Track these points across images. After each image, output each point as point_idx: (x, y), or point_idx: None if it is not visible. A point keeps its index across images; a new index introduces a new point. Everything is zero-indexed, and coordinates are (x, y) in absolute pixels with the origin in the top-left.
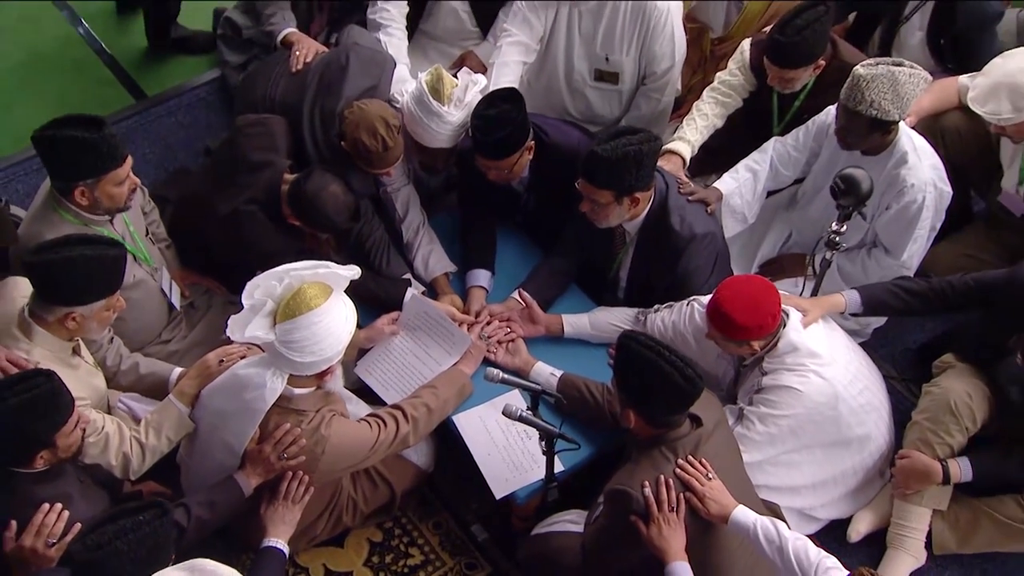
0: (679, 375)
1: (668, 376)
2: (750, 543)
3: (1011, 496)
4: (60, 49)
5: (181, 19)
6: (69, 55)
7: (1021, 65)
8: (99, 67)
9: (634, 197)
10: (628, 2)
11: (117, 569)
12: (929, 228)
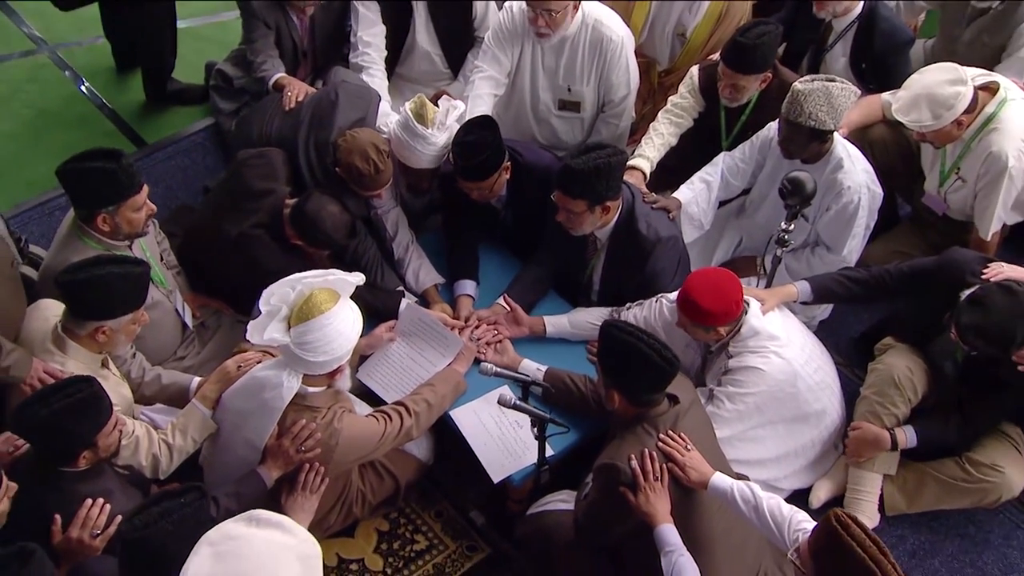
0: (657, 356)
1: (648, 357)
2: (728, 505)
3: (951, 458)
4: (65, 106)
5: (175, 74)
6: (74, 111)
7: (937, 79)
8: (102, 120)
9: (605, 205)
10: (586, 37)
11: (163, 546)
12: (865, 226)
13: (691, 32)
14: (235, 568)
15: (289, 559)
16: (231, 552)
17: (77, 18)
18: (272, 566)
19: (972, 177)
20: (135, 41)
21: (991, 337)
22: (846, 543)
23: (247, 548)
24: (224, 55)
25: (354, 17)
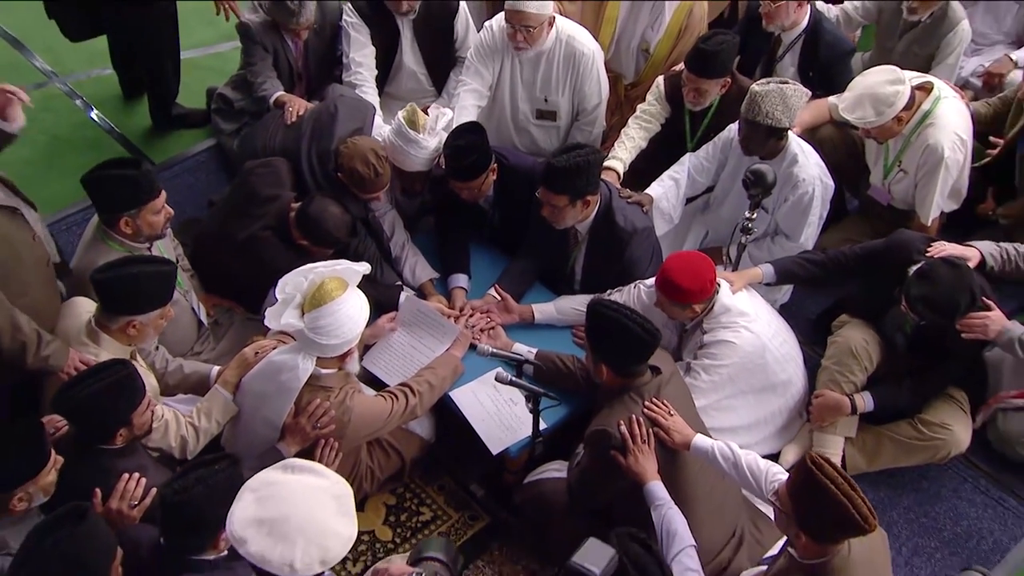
0: (640, 329)
1: (632, 331)
2: (710, 463)
3: (905, 420)
4: (77, 132)
5: (179, 99)
6: (85, 136)
7: (878, 79)
8: (112, 144)
9: (585, 200)
10: (560, 51)
11: (200, 508)
12: (819, 216)
13: (654, 47)
14: (277, 509)
15: (324, 498)
16: (272, 496)
17: (85, 51)
18: (310, 505)
19: (912, 168)
20: (142, 69)
21: (938, 307)
22: (821, 481)
23: (286, 491)
24: (223, 82)
25: (345, 40)
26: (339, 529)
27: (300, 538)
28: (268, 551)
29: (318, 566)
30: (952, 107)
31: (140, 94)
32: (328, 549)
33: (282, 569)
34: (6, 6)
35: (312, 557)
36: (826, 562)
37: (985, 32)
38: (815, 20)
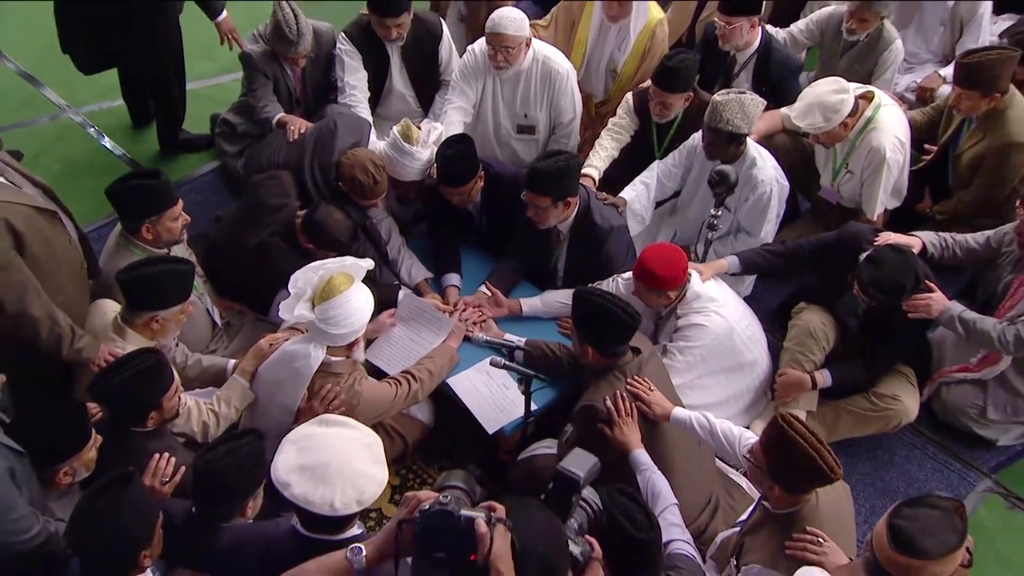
0: (622, 312)
1: (614, 314)
2: (688, 432)
3: (860, 394)
4: (90, 158)
5: (184, 125)
6: (98, 162)
7: (825, 89)
8: (123, 168)
9: (567, 201)
10: (537, 70)
11: (229, 478)
12: (776, 213)
13: (621, 67)
14: (316, 457)
15: (357, 447)
16: (310, 446)
17: (97, 84)
18: (345, 452)
19: (858, 169)
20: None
21: (886, 288)
22: (791, 436)
23: (323, 441)
24: (225, 109)
25: (340, 66)
26: (373, 473)
27: (339, 481)
28: (311, 493)
29: (355, 505)
30: (891, 113)
31: (148, 123)
32: (363, 490)
33: (323, 508)
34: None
35: (350, 497)
36: (797, 511)
37: (916, 52)
38: (766, 41)
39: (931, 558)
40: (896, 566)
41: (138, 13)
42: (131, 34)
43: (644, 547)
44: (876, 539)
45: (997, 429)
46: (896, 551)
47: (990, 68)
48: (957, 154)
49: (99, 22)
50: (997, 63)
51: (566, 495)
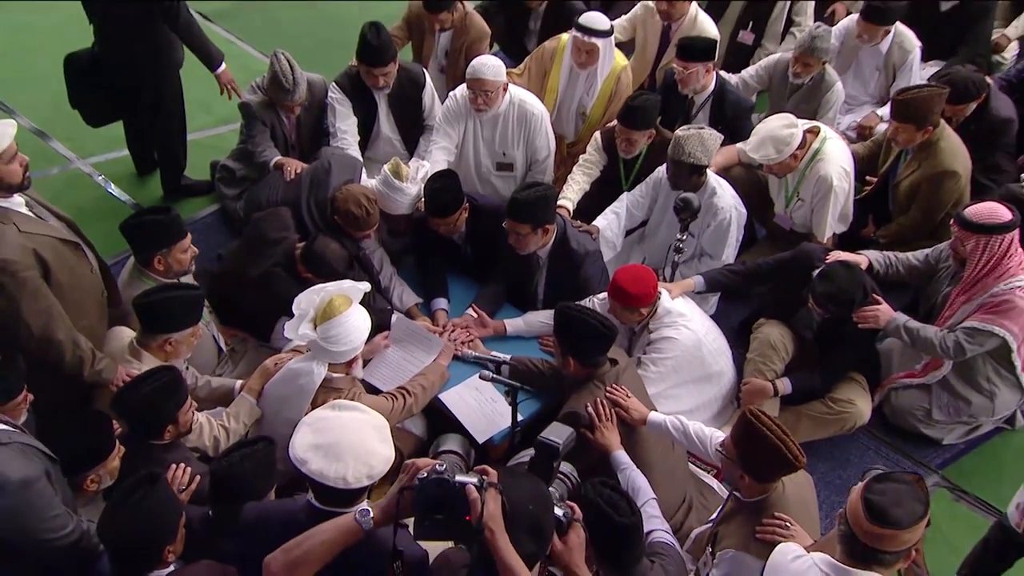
0: (600, 325)
1: (593, 327)
2: (664, 434)
3: (817, 400)
4: (99, 204)
5: (186, 172)
6: (106, 207)
7: (776, 124)
8: (129, 212)
9: (545, 228)
10: (514, 112)
11: (245, 478)
12: (736, 238)
13: (590, 110)
14: (329, 436)
15: (367, 428)
16: (325, 427)
17: (102, 137)
18: (356, 433)
19: (808, 197)
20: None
21: (838, 301)
22: (759, 428)
23: (336, 423)
24: (224, 156)
25: (331, 113)
26: (380, 450)
27: (350, 458)
28: (325, 468)
29: (365, 479)
30: (836, 146)
31: (152, 170)
32: (373, 466)
33: (337, 482)
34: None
35: (360, 472)
36: (766, 498)
37: (855, 95)
38: (720, 84)
39: (903, 527)
40: (872, 536)
41: (143, 73)
42: (136, 91)
43: (627, 531)
44: (852, 513)
45: (941, 429)
46: (872, 523)
47: (923, 103)
48: (896, 183)
49: (106, 82)
50: (929, 99)
51: (547, 461)
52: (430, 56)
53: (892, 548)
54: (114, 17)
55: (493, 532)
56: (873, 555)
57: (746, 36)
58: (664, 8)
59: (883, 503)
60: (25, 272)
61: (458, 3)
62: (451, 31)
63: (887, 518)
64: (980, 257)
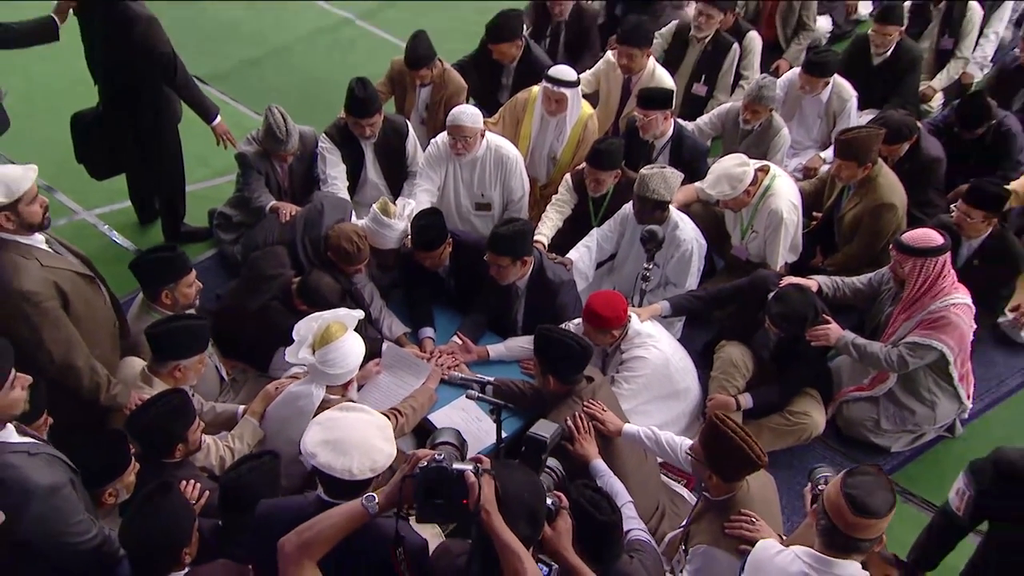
0: (577, 344)
1: (570, 346)
2: (638, 444)
3: (776, 413)
4: (104, 251)
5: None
6: (111, 253)
7: (730, 163)
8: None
9: (523, 260)
10: (491, 156)
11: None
12: (697, 268)
13: (560, 154)
14: (337, 434)
15: (371, 427)
16: (333, 426)
17: (105, 189)
18: (361, 431)
19: (761, 229)
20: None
21: (791, 319)
22: (724, 431)
23: (344, 422)
24: (221, 204)
25: (321, 162)
26: (383, 447)
27: (355, 452)
28: (333, 461)
29: (369, 472)
30: (785, 182)
31: (153, 219)
32: (376, 460)
33: (344, 474)
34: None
35: (364, 465)
36: (732, 497)
37: (800, 140)
38: (678, 130)
39: (881, 516)
40: (856, 527)
41: (144, 128)
42: (138, 145)
43: (608, 529)
44: (832, 509)
45: (889, 438)
46: (856, 514)
47: (863, 142)
48: (840, 216)
49: (110, 137)
50: (868, 138)
51: (536, 454)
52: (412, 109)
53: (871, 536)
54: (118, 78)
55: (489, 513)
56: (854, 544)
57: (699, 88)
58: (624, 63)
59: (861, 495)
60: (47, 302)
61: (437, 61)
62: (431, 86)
63: (868, 509)
64: (917, 278)
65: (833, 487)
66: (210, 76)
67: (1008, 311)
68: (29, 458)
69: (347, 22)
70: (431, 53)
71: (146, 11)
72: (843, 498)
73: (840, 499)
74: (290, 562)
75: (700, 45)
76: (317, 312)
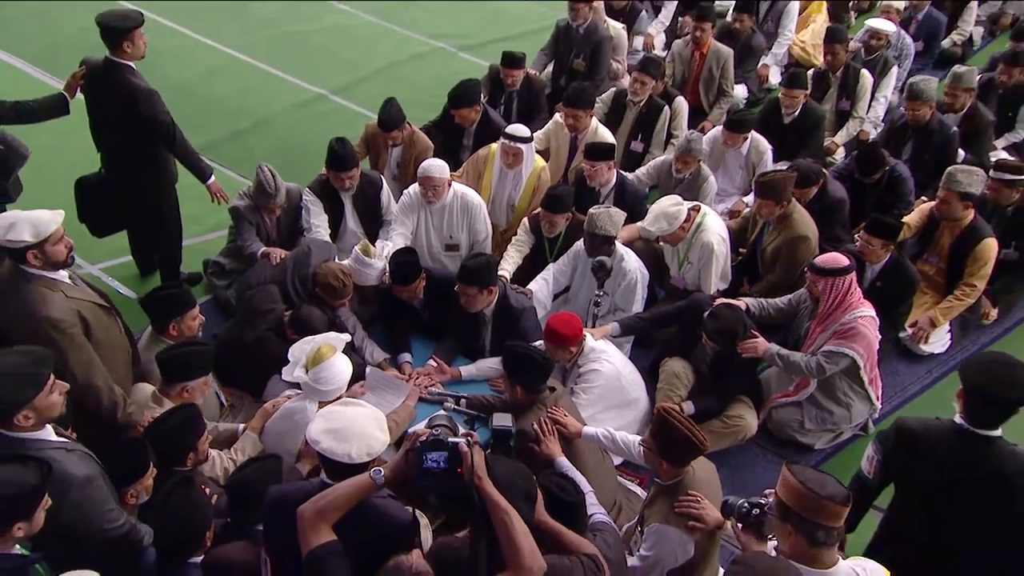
0: (540, 357)
1: (535, 359)
2: (596, 443)
3: (715, 418)
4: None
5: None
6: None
7: (666, 203)
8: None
9: (490, 289)
10: (457, 203)
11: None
12: (641, 295)
13: (517, 202)
14: (338, 424)
15: (368, 419)
16: (335, 418)
17: (107, 245)
18: (359, 422)
19: (696, 260)
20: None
21: (725, 334)
22: (671, 421)
23: (344, 415)
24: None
25: (305, 212)
26: (378, 435)
27: (354, 439)
28: (335, 447)
29: (366, 456)
30: (714, 219)
31: (152, 271)
32: (372, 446)
33: (343, 458)
34: None
35: (362, 451)
36: (680, 480)
37: (725, 187)
38: (620, 179)
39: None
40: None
41: (145, 189)
42: (139, 204)
43: (573, 508)
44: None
45: (813, 436)
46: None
47: (779, 183)
48: (762, 248)
49: (112, 198)
50: (783, 180)
51: (505, 443)
52: (384, 167)
53: (839, 524)
54: (122, 144)
55: (480, 478)
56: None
57: (637, 145)
58: (571, 123)
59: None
60: (71, 329)
61: (406, 124)
62: (401, 146)
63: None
64: (830, 295)
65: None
66: (200, 146)
67: (907, 327)
68: (67, 453)
69: (321, 97)
70: (401, 117)
71: (147, 84)
72: (823, 501)
73: (820, 501)
74: (308, 525)
75: (636, 108)
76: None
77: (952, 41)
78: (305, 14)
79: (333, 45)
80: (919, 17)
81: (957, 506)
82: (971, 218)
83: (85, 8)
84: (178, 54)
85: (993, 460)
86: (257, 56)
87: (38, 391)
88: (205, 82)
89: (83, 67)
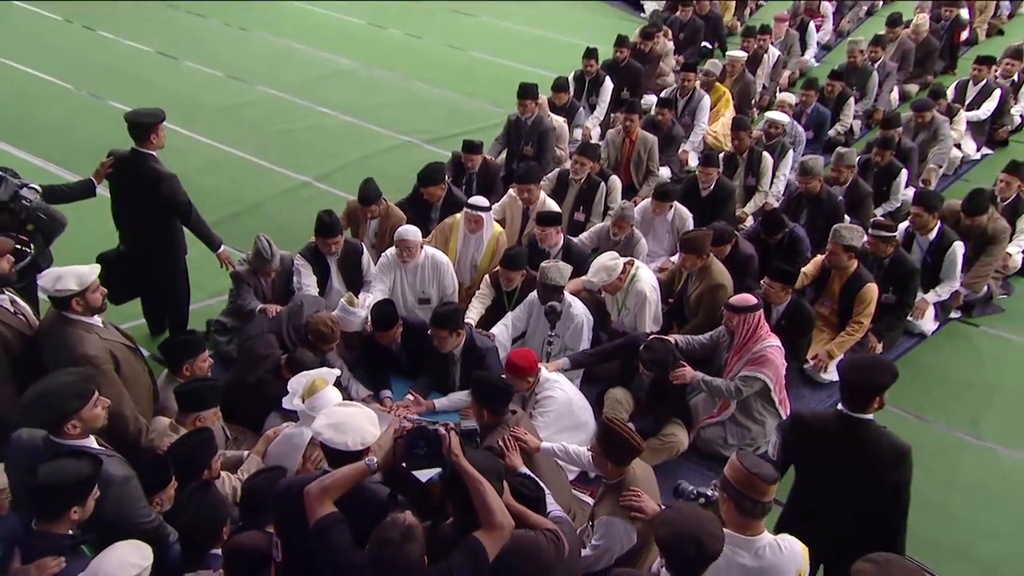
0: (503, 384)
1: (499, 385)
2: (553, 456)
3: (653, 437)
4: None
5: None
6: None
7: (605, 258)
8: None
9: (458, 332)
10: (429, 262)
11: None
12: (587, 336)
13: (479, 262)
14: (338, 419)
15: (362, 416)
16: (335, 415)
17: (121, 312)
18: (355, 418)
19: (632, 307)
20: (164, 315)
21: (658, 363)
22: (614, 428)
23: (342, 412)
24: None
25: (297, 275)
26: (371, 429)
27: (350, 431)
28: (334, 437)
29: (360, 445)
30: (646, 271)
31: (162, 331)
32: (364, 438)
33: (341, 446)
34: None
35: (356, 441)
36: (623, 479)
37: (655, 249)
38: (567, 242)
39: (772, 482)
40: (766, 492)
41: (159, 261)
42: (153, 276)
43: (535, 503)
44: (735, 474)
45: (735, 451)
46: (766, 483)
47: (699, 239)
48: (687, 296)
49: (130, 270)
50: (702, 237)
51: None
52: (364, 237)
53: (765, 499)
54: (141, 222)
55: (457, 456)
56: (763, 508)
57: (579, 216)
58: (525, 196)
59: (762, 470)
60: (104, 365)
61: (382, 199)
62: (378, 219)
63: (770, 477)
64: (742, 329)
65: (739, 473)
66: None
67: (809, 358)
68: (108, 458)
69: (306, 184)
70: (378, 193)
71: (168, 170)
72: (753, 477)
73: (751, 478)
74: (315, 499)
75: (577, 185)
76: None
77: (836, 131)
78: (290, 116)
79: (315, 141)
80: (808, 111)
81: (842, 477)
82: (855, 267)
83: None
84: (180, 151)
85: (868, 439)
86: (249, 151)
87: (85, 403)
88: (204, 173)
89: (111, 157)
